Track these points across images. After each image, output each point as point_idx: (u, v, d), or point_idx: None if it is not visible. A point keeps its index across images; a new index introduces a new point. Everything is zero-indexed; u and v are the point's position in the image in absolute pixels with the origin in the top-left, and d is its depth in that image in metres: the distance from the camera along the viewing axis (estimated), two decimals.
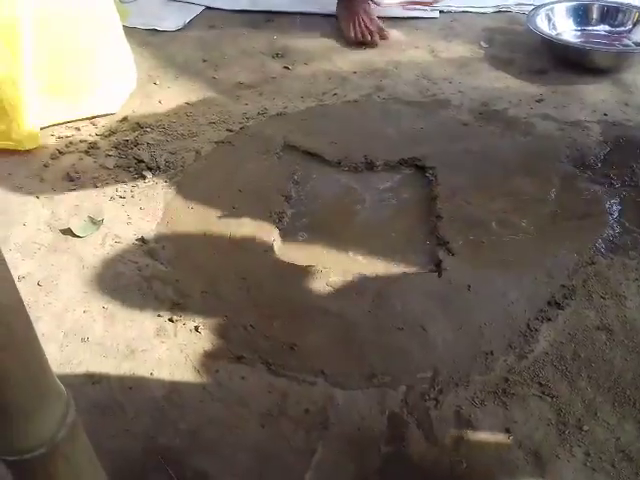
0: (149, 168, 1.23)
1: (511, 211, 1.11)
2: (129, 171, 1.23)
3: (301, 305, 0.95)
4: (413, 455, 0.76)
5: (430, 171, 1.22)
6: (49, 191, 1.19)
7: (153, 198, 1.17)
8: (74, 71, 1.34)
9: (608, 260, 1.01)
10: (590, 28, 1.71)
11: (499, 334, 0.90)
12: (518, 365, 0.85)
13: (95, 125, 1.38)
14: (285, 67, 1.63)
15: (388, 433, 0.78)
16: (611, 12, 1.70)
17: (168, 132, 1.35)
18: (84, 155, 1.28)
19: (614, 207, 1.12)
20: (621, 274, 0.99)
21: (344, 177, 1.23)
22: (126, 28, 1.53)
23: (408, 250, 1.06)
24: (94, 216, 1.12)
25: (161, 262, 1.03)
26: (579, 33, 1.71)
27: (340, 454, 0.76)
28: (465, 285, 0.97)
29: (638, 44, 1.64)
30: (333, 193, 1.19)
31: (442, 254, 1.03)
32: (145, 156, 1.26)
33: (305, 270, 1.01)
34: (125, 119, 1.40)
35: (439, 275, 1.00)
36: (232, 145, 1.31)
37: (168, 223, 1.11)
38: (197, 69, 1.63)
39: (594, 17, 1.71)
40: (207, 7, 1.94)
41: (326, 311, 0.94)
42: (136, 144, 1.30)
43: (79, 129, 1.37)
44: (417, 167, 1.24)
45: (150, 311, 0.95)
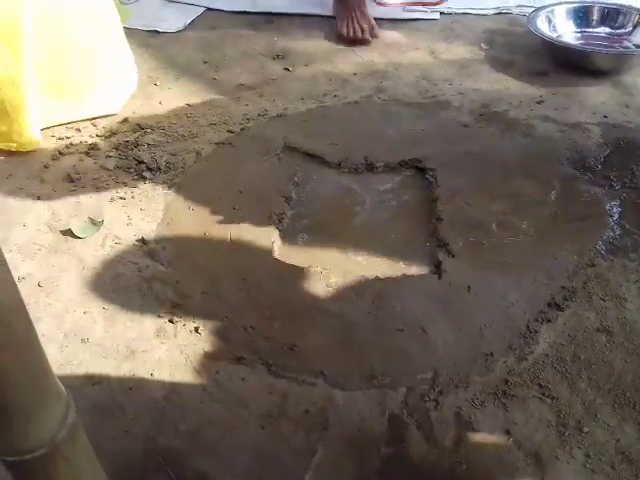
0: (149, 169, 1.24)
1: (511, 213, 1.11)
2: (129, 172, 1.23)
3: (301, 306, 0.95)
4: (413, 456, 0.76)
5: (430, 173, 1.22)
6: (49, 192, 1.19)
7: (153, 199, 1.17)
8: (75, 72, 1.34)
9: (608, 262, 1.01)
10: (590, 30, 1.72)
11: (499, 335, 0.90)
12: (518, 366, 0.86)
13: (95, 126, 1.39)
14: (285, 68, 1.63)
15: (388, 434, 0.78)
16: (611, 14, 1.71)
17: (168, 133, 1.35)
18: (84, 156, 1.28)
19: (614, 209, 1.12)
20: (621, 276, 0.99)
21: (344, 178, 1.23)
22: (127, 29, 1.54)
23: (408, 251, 1.06)
24: (94, 217, 1.12)
25: (161, 263, 1.03)
26: (579, 35, 1.71)
27: (340, 455, 0.76)
28: (465, 287, 0.97)
29: (638, 46, 1.64)
30: (333, 194, 1.19)
31: (442, 256, 1.03)
32: (145, 157, 1.26)
33: (305, 271, 1.01)
34: (126, 120, 1.40)
35: (439, 277, 1.00)
36: (232, 146, 1.31)
37: (168, 224, 1.12)
38: (198, 70, 1.63)
39: (594, 19, 1.72)
40: (208, 8, 1.95)
41: (326, 312, 0.94)
42: (136, 145, 1.30)
43: (79, 130, 1.37)
44: (417, 169, 1.25)
45: (150, 312, 0.95)
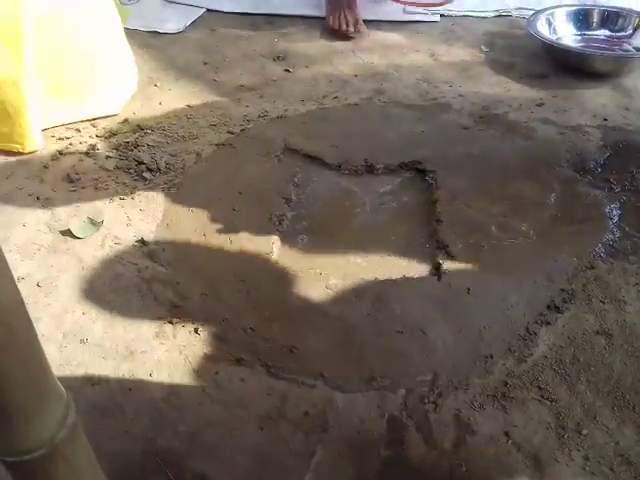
0: (149, 170, 1.24)
1: (511, 215, 1.12)
2: (129, 173, 1.23)
3: (301, 308, 0.95)
4: (412, 458, 0.76)
5: (430, 175, 1.22)
6: (49, 192, 1.19)
7: (153, 200, 1.17)
8: (75, 72, 1.34)
9: (608, 264, 1.01)
10: (590, 33, 1.72)
11: (498, 338, 0.90)
12: (517, 369, 0.86)
13: (95, 127, 1.39)
14: (286, 70, 1.63)
15: (387, 436, 0.78)
16: (611, 17, 1.71)
17: (168, 134, 1.35)
18: (84, 157, 1.28)
19: (614, 212, 1.12)
20: (621, 279, 0.99)
21: (344, 180, 1.23)
22: (127, 30, 1.54)
23: (408, 253, 1.06)
24: (94, 217, 1.11)
25: (161, 264, 1.03)
26: (579, 38, 1.72)
27: (339, 457, 0.76)
28: (465, 289, 0.97)
29: (638, 49, 1.64)
30: (333, 196, 1.19)
31: (442, 258, 1.03)
32: (145, 158, 1.26)
33: (305, 273, 1.01)
34: (126, 121, 1.40)
35: (439, 279, 1.00)
36: (233, 147, 1.31)
37: (168, 225, 1.11)
38: (198, 71, 1.63)
39: (594, 22, 1.72)
40: (208, 9, 1.95)
41: (326, 314, 0.94)
42: (136, 146, 1.30)
43: (79, 130, 1.37)
44: (417, 170, 1.25)
45: (149, 313, 0.95)
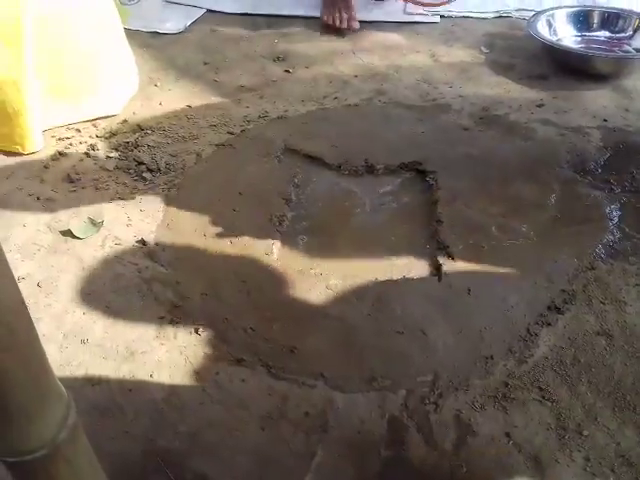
0: (149, 170, 1.23)
1: (511, 216, 1.12)
2: (129, 173, 1.23)
3: (301, 308, 0.95)
4: (413, 459, 0.76)
5: (430, 175, 1.22)
6: (49, 192, 1.19)
7: (153, 200, 1.17)
8: (75, 73, 1.34)
9: (608, 265, 1.01)
10: (590, 34, 1.72)
11: (499, 338, 0.90)
12: (518, 369, 0.86)
13: (96, 127, 1.39)
14: (286, 70, 1.63)
15: (388, 437, 0.78)
16: (611, 18, 1.71)
17: (169, 134, 1.35)
18: (84, 157, 1.28)
19: (614, 212, 1.12)
20: (621, 279, 0.99)
21: (344, 181, 1.23)
22: (127, 30, 1.54)
23: (408, 254, 1.06)
24: (94, 217, 1.11)
25: (161, 264, 1.03)
26: (579, 39, 1.72)
27: (340, 458, 0.76)
28: (465, 289, 0.97)
29: (639, 50, 1.64)
30: (333, 196, 1.19)
31: (442, 258, 1.03)
32: (145, 158, 1.26)
33: (305, 273, 1.01)
34: (126, 121, 1.40)
35: (439, 279, 1.00)
36: (233, 148, 1.31)
37: (168, 225, 1.11)
38: (198, 72, 1.63)
39: (595, 23, 1.72)
40: (208, 10, 1.95)
41: (326, 314, 0.94)
42: (136, 146, 1.30)
43: (79, 131, 1.37)
44: (417, 171, 1.25)
45: (150, 313, 0.95)
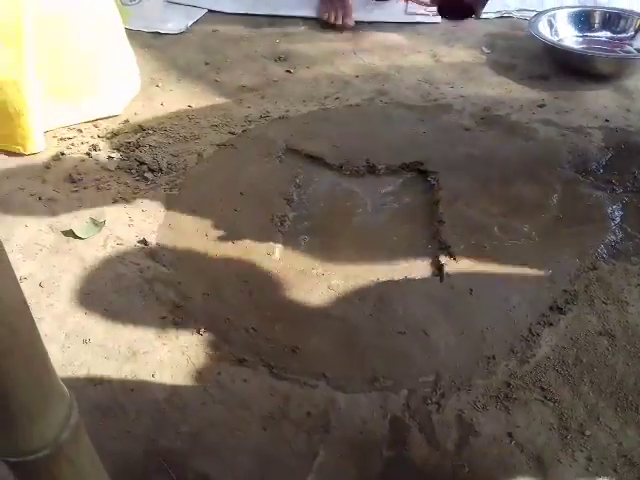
0: (151, 170, 1.23)
1: (513, 216, 1.11)
2: (131, 173, 1.23)
3: (303, 308, 0.95)
4: (415, 459, 0.76)
5: (432, 175, 1.22)
6: (51, 192, 1.19)
7: (155, 200, 1.17)
8: (76, 73, 1.34)
9: (610, 265, 1.01)
10: (592, 34, 1.72)
11: (501, 338, 0.90)
12: (520, 370, 0.85)
13: (97, 127, 1.38)
14: (287, 71, 1.63)
15: (390, 437, 0.78)
16: (613, 18, 1.71)
17: (170, 134, 1.35)
18: (86, 157, 1.28)
19: (616, 213, 1.12)
20: (623, 280, 0.99)
21: (346, 181, 1.23)
22: (129, 31, 1.54)
23: (410, 254, 1.06)
24: (96, 218, 1.11)
25: (163, 264, 1.03)
26: (581, 39, 1.71)
27: (342, 458, 0.76)
28: (467, 289, 0.97)
29: None
30: (335, 197, 1.19)
31: (444, 258, 1.03)
32: (147, 158, 1.26)
33: (307, 273, 1.01)
34: (127, 121, 1.40)
35: (441, 279, 1.00)
36: (234, 148, 1.31)
37: (170, 225, 1.11)
38: (199, 72, 1.63)
39: (596, 23, 1.72)
40: (210, 10, 1.95)
41: (328, 315, 0.94)
42: (138, 146, 1.30)
43: (81, 131, 1.37)
44: (419, 171, 1.25)
45: (152, 313, 0.95)
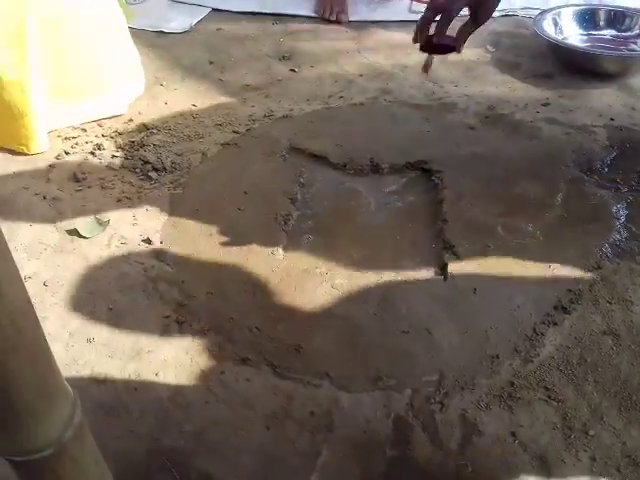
0: (155, 169, 1.24)
1: (517, 215, 1.11)
2: (135, 172, 1.24)
3: (306, 308, 0.95)
4: (418, 459, 0.76)
5: (436, 174, 1.22)
6: (55, 192, 1.19)
7: (159, 199, 1.17)
8: (80, 73, 1.34)
9: (615, 265, 1.01)
10: (597, 33, 1.71)
11: (505, 338, 0.90)
12: (524, 369, 0.85)
13: (101, 126, 1.39)
14: (291, 70, 1.63)
15: (393, 436, 0.78)
16: (618, 17, 1.70)
17: (174, 133, 1.35)
18: (90, 156, 1.29)
19: (621, 212, 1.12)
20: (628, 279, 0.98)
21: (350, 180, 1.23)
22: (133, 30, 1.54)
23: (414, 253, 1.06)
24: (100, 217, 1.12)
25: (167, 263, 1.03)
26: (585, 37, 1.71)
27: (345, 457, 0.76)
28: (471, 289, 0.97)
29: None
30: (339, 196, 1.19)
31: (448, 258, 1.03)
32: (151, 157, 1.26)
33: (310, 272, 1.01)
34: (131, 120, 1.40)
35: (445, 279, 0.99)
36: (238, 147, 1.31)
37: (174, 224, 1.12)
38: (204, 71, 1.63)
39: (601, 22, 1.71)
40: (214, 9, 1.95)
41: (331, 314, 0.94)
42: (142, 145, 1.30)
43: (85, 130, 1.37)
44: (423, 170, 1.24)
45: (155, 312, 0.95)
